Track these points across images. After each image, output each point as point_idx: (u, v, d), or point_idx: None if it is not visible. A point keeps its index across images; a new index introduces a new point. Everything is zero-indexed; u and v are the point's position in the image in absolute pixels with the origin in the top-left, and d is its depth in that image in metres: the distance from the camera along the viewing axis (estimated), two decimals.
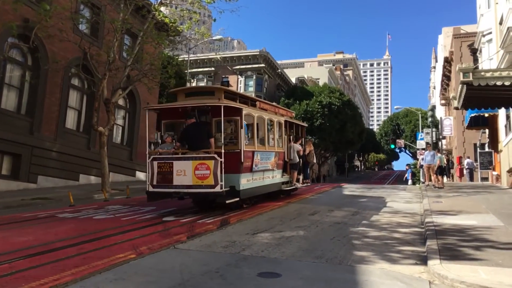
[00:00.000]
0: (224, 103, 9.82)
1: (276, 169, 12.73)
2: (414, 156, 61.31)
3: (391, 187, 24.66)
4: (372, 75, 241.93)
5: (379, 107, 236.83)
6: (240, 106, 10.26)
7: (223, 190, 9.32)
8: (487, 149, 26.89)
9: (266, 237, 7.21)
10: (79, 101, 20.07)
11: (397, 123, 76.26)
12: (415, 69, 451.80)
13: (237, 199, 10.03)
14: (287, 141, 14.08)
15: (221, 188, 9.28)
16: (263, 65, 47.98)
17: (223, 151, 9.47)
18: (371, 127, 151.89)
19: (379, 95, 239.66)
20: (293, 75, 62.07)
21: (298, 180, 14.84)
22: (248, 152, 10.51)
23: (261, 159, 11.32)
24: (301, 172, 15.11)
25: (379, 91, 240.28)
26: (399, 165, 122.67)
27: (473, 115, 23.21)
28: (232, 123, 10.64)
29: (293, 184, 14.16)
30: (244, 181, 10.28)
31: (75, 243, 6.64)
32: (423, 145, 34.25)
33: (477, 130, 28.70)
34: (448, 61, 38.18)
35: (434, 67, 64.41)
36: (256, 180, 11.19)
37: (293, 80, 58.17)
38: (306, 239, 7.16)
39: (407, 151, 74.19)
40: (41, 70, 17.16)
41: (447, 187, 18.61)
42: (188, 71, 31.29)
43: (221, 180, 9.27)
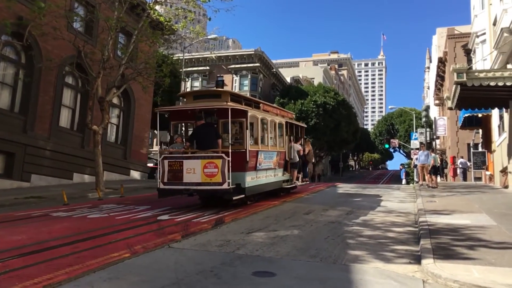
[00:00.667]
0: (232, 106, 10.35)
1: (278, 168, 13.25)
2: (408, 156, 61.54)
3: (385, 186, 24.70)
4: (366, 75, 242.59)
5: (373, 107, 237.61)
6: (246, 109, 10.83)
7: (230, 187, 9.82)
8: (480, 149, 26.99)
9: (261, 236, 7.22)
10: (73, 100, 19.94)
11: (391, 123, 76.55)
12: (410, 69, 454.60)
13: (243, 196, 10.55)
14: (288, 141, 14.59)
15: (228, 186, 9.78)
16: (258, 64, 47.94)
17: (230, 150, 9.96)
18: (365, 126, 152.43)
19: (373, 95, 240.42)
20: (288, 74, 62.07)
21: (298, 179, 15.31)
22: (253, 151, 11.02)
23: (264, 159, 11.83)
24: (300, 171, 15.56)
25: (373, 91, 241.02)
26: (393, 164, 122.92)
27: (466, 115, 23.34)
28: (237, 124, 11.16)
29: (293, 183, 14.62)
30: (249, 179, 10.80)
31: (69, 242, 6.61)
32: (417, 145, 34.45)
33: (471, 130, 28.83)
34: (442, 62, 38.38)
35: (428, 68, 64.70)
36: (260, 178, 11.70)
37: (288, 80, 58.17)
38: (300, 238, 7.18)
39: (401, 151, 74.53)
40: (34, 68, 17.03)
41: (441, 186, 18.69)
42: (183, 70, 31.22)
43: (229, 178, 9.77)
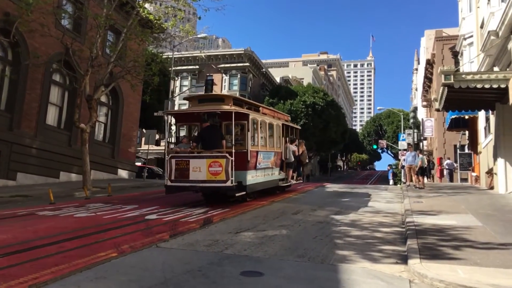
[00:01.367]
0: (236, 109, 11.14)
1: (275, 167, 14.08)
2: (396, 156, 62.12)
3: (373, 187, 24.88)
4: (355, 76, 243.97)
5: (362, 108, 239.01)
6: (247, 112, 11.56)
7: (233, 184, 10.57)
8: (467, 150, 27.28)
9: (249, 236, 7.22)
10: (60, 97, 19.72)
11: (379, 123, 77.19)
12: (398, 70, 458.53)
13: (244, 192, 11.33)
14: (284, 142, 15.29)
15: (231, 183, 10.53)
16: (247, 64, 47.94)
17: (233, 150, 10.63)
18: (354, 127, 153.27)
19: (362, 95, 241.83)
20: (277, 74, 62.19)
21: (293, 178, 16.10)
22: (253, 152, 11.74)
23: (263, 158, 12.62)
24: (295, 170, 16.37)
25: (362, 92, 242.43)
26: (381, 165, 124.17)
27: (453, 117, 23.57)
28: (239, 126, 11.83)
29: (288, 181, 15.47)
30: (249, 177, 11.54)
31: (55, 241, 6.53)
32: (405, 146, 34.81)
33: (458, 131, 29.12)
34: (430, 63, 38.77)
35: (417, 69, 65.26)
36: (259, 176, 12.46)
37: (277, 80, 58.26)
38: (289, 238, 7.19)
39: (389, 152, 75.14)
40: (21, 65, 16.80)
41: (428, 187, 18.86)
42: (173, 68, 31.07)
43: (232, 176, 10.50)
